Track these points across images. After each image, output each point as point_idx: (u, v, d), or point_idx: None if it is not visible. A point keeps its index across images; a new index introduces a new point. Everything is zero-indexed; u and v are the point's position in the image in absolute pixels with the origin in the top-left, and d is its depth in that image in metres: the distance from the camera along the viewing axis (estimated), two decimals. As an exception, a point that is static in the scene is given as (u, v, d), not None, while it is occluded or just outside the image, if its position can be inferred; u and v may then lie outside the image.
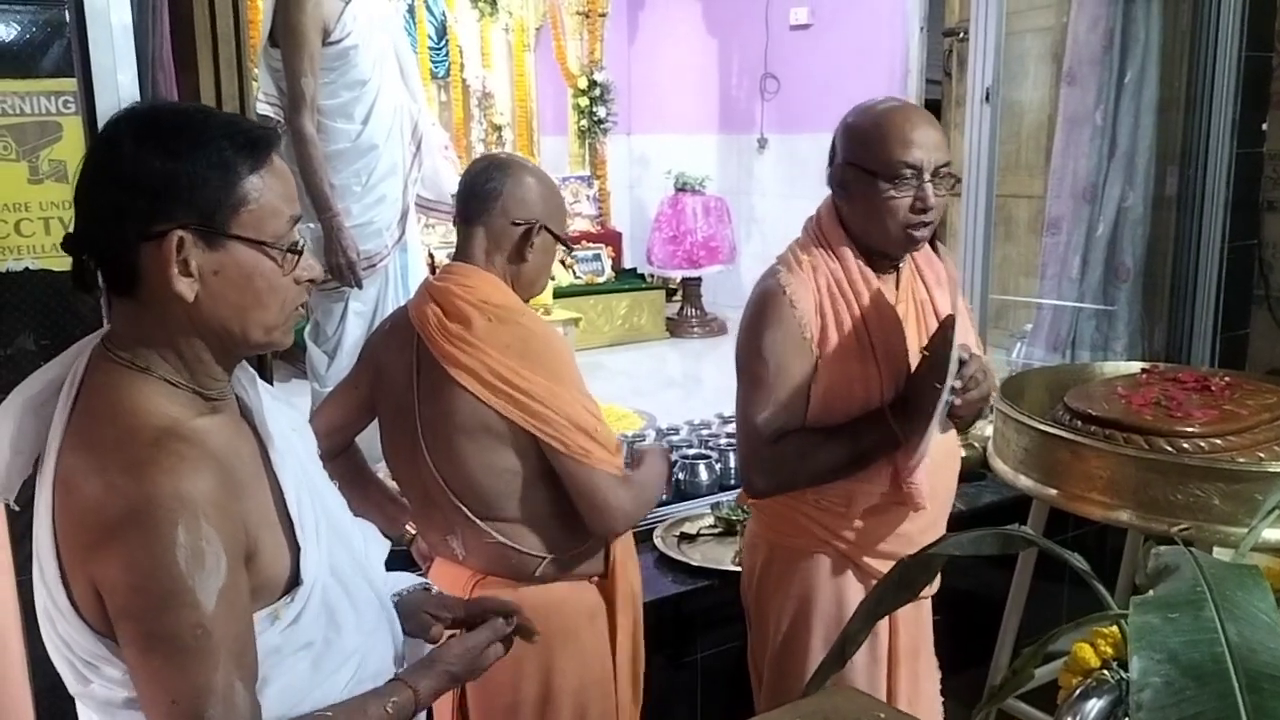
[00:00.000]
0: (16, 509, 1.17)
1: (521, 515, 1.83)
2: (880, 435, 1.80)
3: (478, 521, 1.82)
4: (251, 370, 1.25)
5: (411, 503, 1.96)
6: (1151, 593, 1.01)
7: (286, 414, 1.30)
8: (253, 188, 1.10)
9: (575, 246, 6.27)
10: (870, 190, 1.78)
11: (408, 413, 1.84)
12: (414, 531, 2.06)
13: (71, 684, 1.13)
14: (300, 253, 1.15)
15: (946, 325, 1.78)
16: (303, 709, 1.14)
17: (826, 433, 1.82)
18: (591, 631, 1.91)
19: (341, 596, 1.22)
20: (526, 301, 1.91)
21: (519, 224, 1.84)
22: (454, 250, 1.94)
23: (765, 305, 1.83)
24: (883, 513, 1.90)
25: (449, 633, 1.41)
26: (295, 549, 1.17)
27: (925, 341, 1.86)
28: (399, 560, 2.13)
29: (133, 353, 1.12)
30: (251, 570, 1.11)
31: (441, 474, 1.82)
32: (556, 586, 1.87)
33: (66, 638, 1.10)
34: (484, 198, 1.84)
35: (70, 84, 1.86)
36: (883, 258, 1.87)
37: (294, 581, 1.16)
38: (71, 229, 1.12)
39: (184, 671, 1.02)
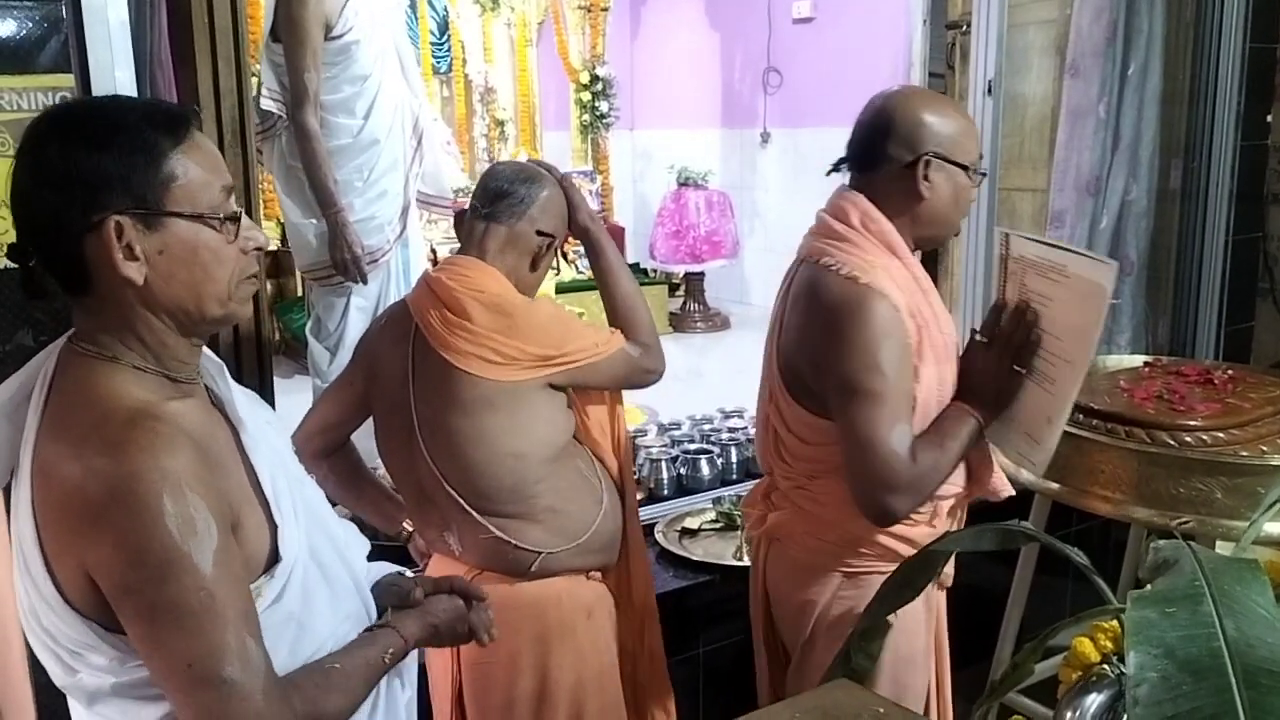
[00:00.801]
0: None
1: (519, 509, 1.83)
2: (969, 429, 1.74)
3: (474, 515, 1.82)
4: (219, 361, 1.27)
5: (407, 499, 1.96)
6: (1149, 587, 1.01)
7: (260, 410, 1.33)
8: (178, 164, 1.11)
9: (567, 243, 6.27)
10: (957, 183, 1.78)
11: (404, 406, 1.85)
12: (410, 529, 2.06)
13: (58, 676, 1.14)
14: (238, 219, 1.16)
15: (1001, 307, 1.78)
16: None
17: (935, 440, 1.72)
18: (589, 627, 1.91)
19: (319, 581, 1.23)
20: None
21: (544, 235, 1.90)
22: (460, 242, 1.95)
23: (869, 314, 1.68)
24: (951, 513, 1.87)
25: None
26: (273, 528, 1.18)
27: None
28: (396, 557, 2.13)
29: (98, 344, 1.13)
30: (238, 541, 1.12)
31: (438, 467, 1.83)
32: (553, 582, 1.87)
33: (52, 629, 1.10)
34: (517, 200, 1.88)
35: (68, 80, 1.86)
36: (917, 251, 1.85)
37: (273, 559, 1.17)
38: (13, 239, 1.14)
39: (195, 635, 1.03)
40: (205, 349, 1.24)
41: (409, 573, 1.50)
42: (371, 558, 1.40)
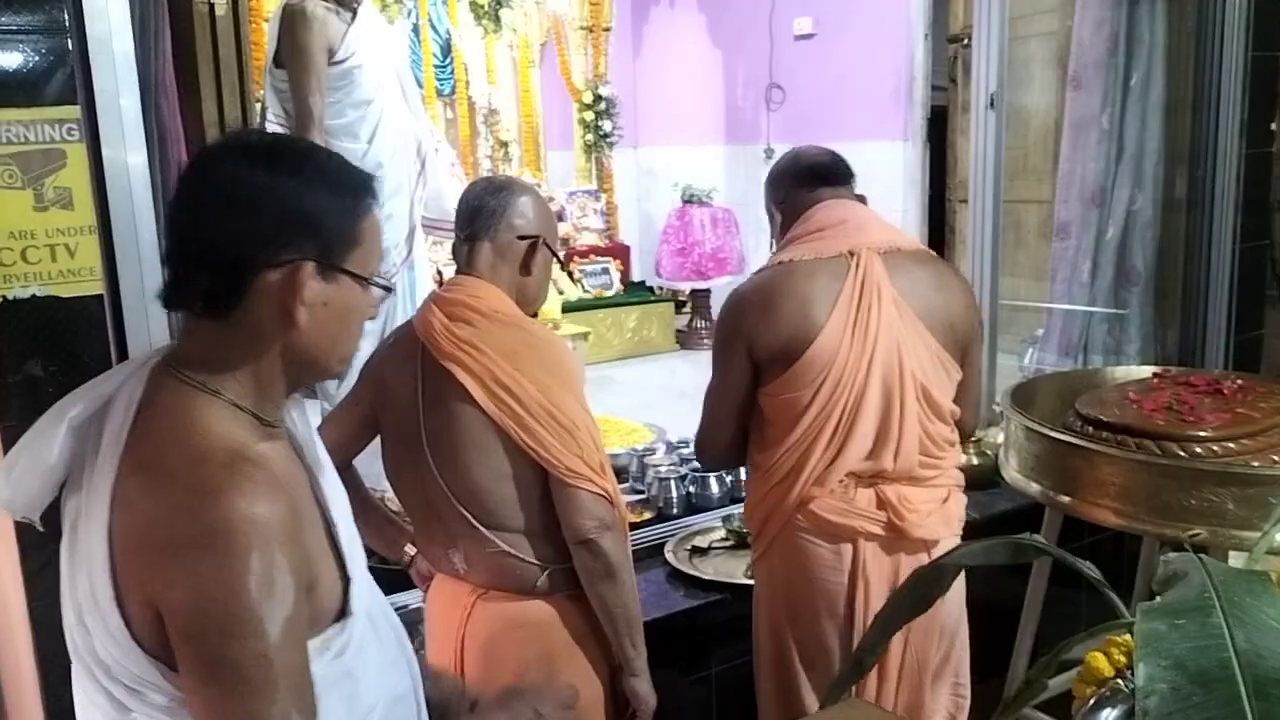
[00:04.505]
0: (42, 529, 1.14)
1: (525, 524, 1.84)
2: None
3: (482, 530, 1.83)
4: (303, 401, 1.25)
5: (413, 517, 1.97)
6: (1159, 599, 1.00)
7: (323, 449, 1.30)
8: (365, 227, 1.14)
9: (572, 263, 6.32)
10: None
11: (412, 424, 1.86)
12: (413, 553, 2.05)
13: (109, 712, 1.10)
14: (392, 290, 1.18)
15: None
16: None
17: None
18: (594, 645, 1.91)
19: (371, 633, 1.21)
20: (532, 315, 1.95)
21: (525, 237, 1.90)
22: (456, 267, 1.97)
23: None
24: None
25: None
26: (345, 580, 1.16)
27: None
28: (400, 580, 2.13)
29: (205, 375, 1.11)
30: (310, 600, 1.10)
31: (446, 482, 1.83)
32: (558, 600, 1.87)
33: (111, 661, 1.07)
34: (489, 213, 1.89)
35: (74, 111, 1.88)
36: None
37: (341, 612, 1.15)
38: (170, 249, 1.12)
39: (242, 701, 1.01)
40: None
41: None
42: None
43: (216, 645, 1.00)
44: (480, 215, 1.90)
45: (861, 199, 2.17)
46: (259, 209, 1.08)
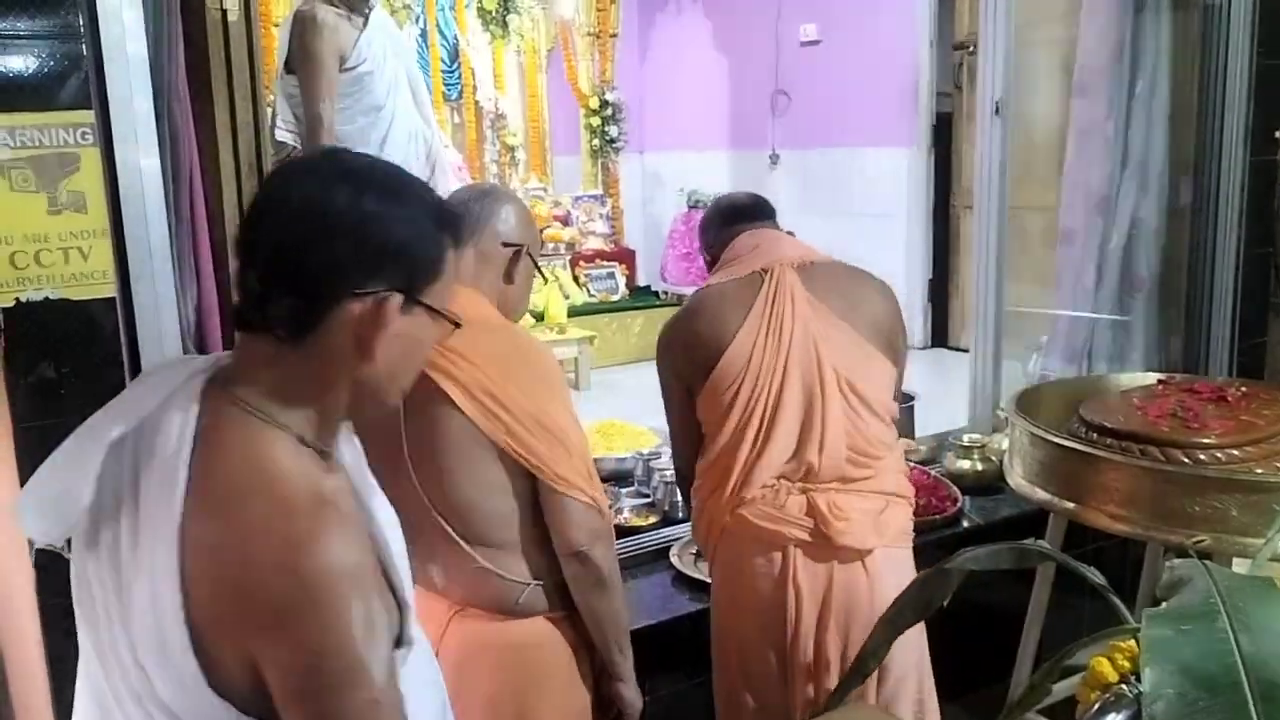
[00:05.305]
0: (68, 556, 1.10)
1: (507, 539, 1.78)
2: None
3: (463, 545, 1.77)
4: (350, 427, 1.22)
5: None
6: (1164, 605, 1.01)
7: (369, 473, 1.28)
8: (447, 261, 1.12)
9: (577, 266, 6.38)
10: None
11: (393, 433, 1.78)
12: None
13: None
14: (460, 325, 1.16)
15: None
16: None
17: None
18: (572, 669, 1.85)
19: (415, 651, 1.20)
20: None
21: (509, 245, 1.87)
22: None
23: None
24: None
25: None
26: (401, 609, 1.15)
27: None
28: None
29: (269, 405, 1.07)
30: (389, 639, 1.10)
31: (428, 494, 1.77)
32: (535, 621, 1.81)
33: (173, 703, 1.04)
34: (474, 219, 1.85)
35: (88, 116, 1.89)
36: None
37: (399, 640, 1.13)
38: (250, 268, 1.07)
39: None
40: None
41: None
42: None
43: (331, 699, 0.99)
44: (464, 221, 1.82)
45: (790, 235, 2.26)
46: (352, 235, 1.04)
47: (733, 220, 2.23)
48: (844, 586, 1.98)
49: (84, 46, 1.88)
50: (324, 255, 1.04)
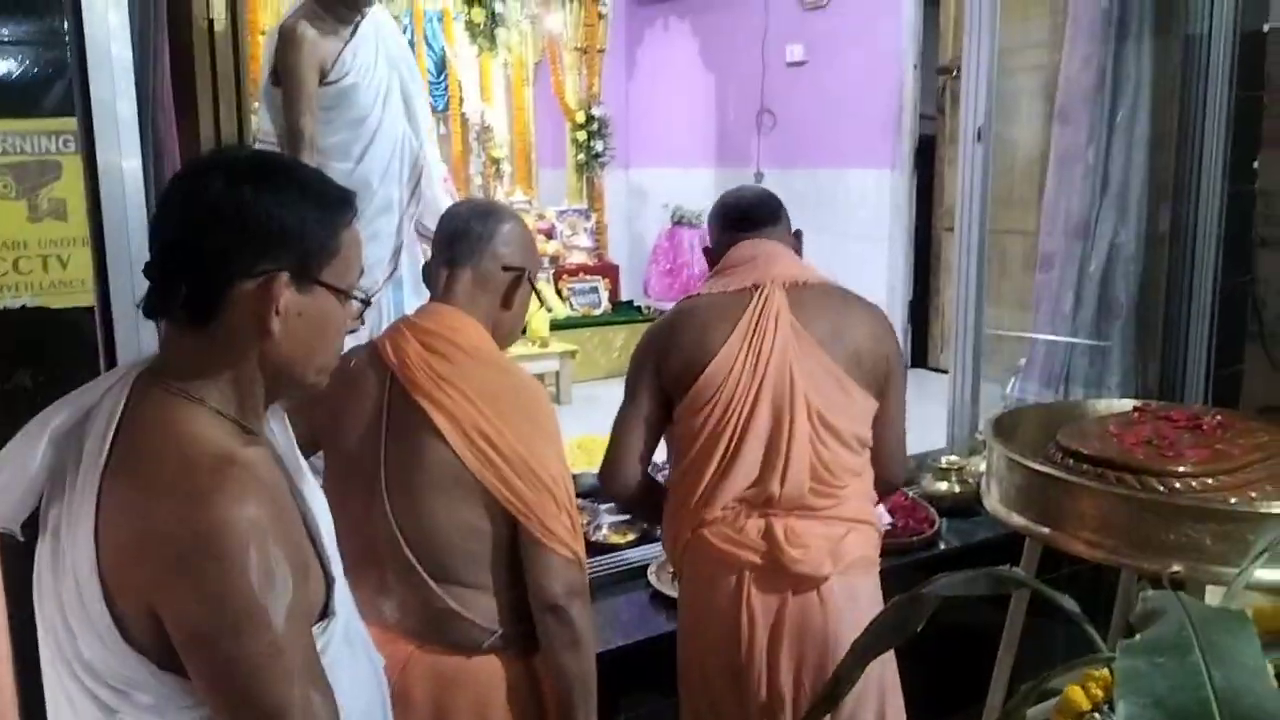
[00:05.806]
0: (22, 539, 1.17)
1: (480, 580, 1.71)
2: None
3: (431, 584, 1.69)
4: (281, 411, 1.29)
5: (348, 555, 1.66)
6: (1138, 637, 1.02)
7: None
8: (345, 240, 1.19)
9: (560, 280, 6.37)
10: None
11: (370, 457, 1.72)
12: None
13: (94, 715, 1.12)
14: (369, 303, 1.24)
15: None
16: None
17: None
18: (533, 704, 1.78)
19: (344, 640, 1.24)
20: (504, 351, 1.85)
21: (509, 269, 1.80)
22: (429, 292, 1.86)
23: None
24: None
25: None
26: (328, 580, 1.21)
27: None
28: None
29: (188, 383, 1.15)
30: (304, 590, 1.14)
31: (401, 526, 1.69)
32: (491, 660, 1.73)
33: (99, 663, 1.09)
34: (474, 239, 1.78)
35: (70, 123, 1.88)
36: None
37: (324, 612, 1.20)
38: (152, 258, 1.16)
39: (261, 691, 1.05)
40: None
41: None
42: None
43: (230, 644, 1.04)
44: (464, 240, 1.77)
45: (798, 234, 2.26)
46: (237, 220, 1.12)
47: (735, 227, 2.20)
48: (797, 613, 1.97)
49: (68, 53, 1.87)
50: (211, 240, 1.12)
